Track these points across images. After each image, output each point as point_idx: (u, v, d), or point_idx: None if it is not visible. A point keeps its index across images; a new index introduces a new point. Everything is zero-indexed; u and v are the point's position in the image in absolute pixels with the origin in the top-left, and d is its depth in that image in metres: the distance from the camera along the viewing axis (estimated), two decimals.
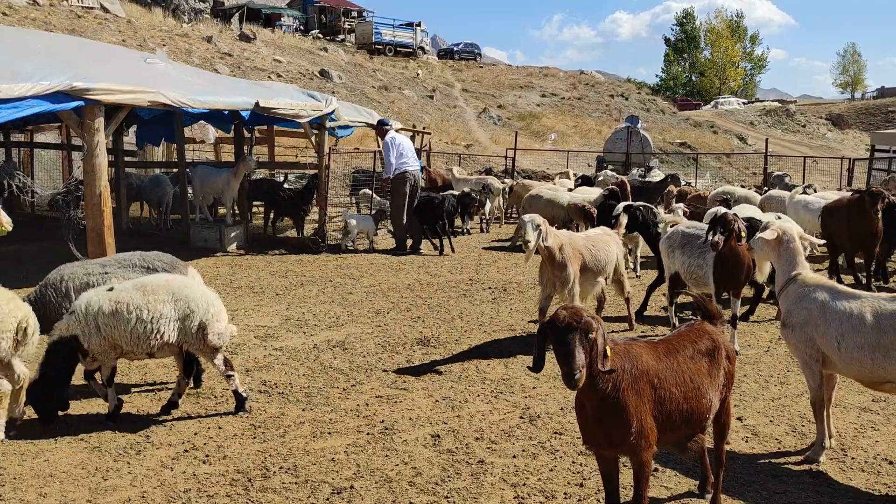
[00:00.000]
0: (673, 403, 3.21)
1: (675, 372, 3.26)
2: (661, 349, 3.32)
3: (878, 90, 68.92)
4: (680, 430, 3.32)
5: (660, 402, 3.17)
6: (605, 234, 7.14)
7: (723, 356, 3.47)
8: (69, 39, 13.37)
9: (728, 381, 3.53)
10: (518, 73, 53.21)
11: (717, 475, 3.72)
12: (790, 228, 4.63)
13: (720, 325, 3.66)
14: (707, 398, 3.36)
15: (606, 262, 6.85)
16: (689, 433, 3.39)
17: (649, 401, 3.12)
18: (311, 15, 50.91)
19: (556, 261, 6.38)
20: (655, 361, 3.23)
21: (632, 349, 3.19)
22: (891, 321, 3.90)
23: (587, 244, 6.75)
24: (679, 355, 3.33)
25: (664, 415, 3.19)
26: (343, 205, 17.38)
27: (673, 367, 3.27)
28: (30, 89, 7.43)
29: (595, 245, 6.80)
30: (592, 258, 6.67)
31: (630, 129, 25.86)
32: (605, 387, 2.99)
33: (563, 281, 6.39)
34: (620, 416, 3.04)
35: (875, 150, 21.82)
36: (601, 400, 3.03)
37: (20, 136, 17.65)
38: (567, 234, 6.89)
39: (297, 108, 11.03)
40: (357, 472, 4.20)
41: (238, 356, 6.39)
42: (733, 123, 50.94)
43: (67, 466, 4.26)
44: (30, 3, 28.64)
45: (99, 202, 8.33)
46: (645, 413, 3.09)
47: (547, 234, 6.27)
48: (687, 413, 3.28)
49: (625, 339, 3.29)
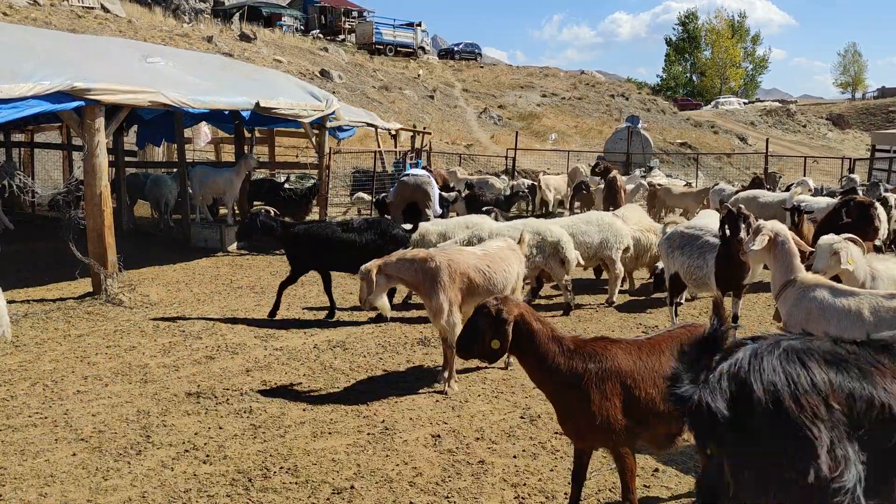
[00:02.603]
0: (649, 403, 3.26)
1: (655, 372, 3.28)
2: (644, 349, 3.36)
3: (878, 90, 68.82)
4: (659, 428, 3.35)
5: (633, 401, 3.24)
6: (507, 249, 6.11)
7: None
8: (69, 37, 13.35)
9: None
10: (518, 73, 53.18)
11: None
12: (783, 229, 4.58)
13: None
14: None
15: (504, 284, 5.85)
16: (670, 432, 3.40)
17: (619, 399, 3.21)
18: (311, 15, 50.86)
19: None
20: (632, 362, 3.28)
21: (606, 350, 3.28)
22: (887, 315, 3.94)
23: (479, 263, 5.79)
24: (664, 355, 3.34)
25: (639, 414, 3.26)
26: (343, 205, 17.40)
27: (653, 368, 3.29)
28: (30, 89, 7.44)
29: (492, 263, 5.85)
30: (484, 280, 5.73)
31: (630, 129, 25.85)
32: (561, 381, 3.24)
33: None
34: (585, 412, 3.20)
35: (875, 150, 21.80)
36: (561, 393, 3.27)
37: (20, 136, 17.65)
38: (455, 248, 6.17)
39: (297, 108, 11.03)
40: (357, 472, 4.20)
41: (238, 356, 6.40)
42: (734, 123, 50.89)
43: (67, 466, 4.26)
44: (30, 3, 28.65)
45: (99, 202, 8.33)
46: (612, 410, 3.19)
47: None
48: (665, 412, 3.29)
49: (604, 339, 3.40)
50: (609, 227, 8.47)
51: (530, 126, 38.97)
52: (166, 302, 8.43)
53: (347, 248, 7.60)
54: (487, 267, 5.72)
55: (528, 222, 8.18)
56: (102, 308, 8.01)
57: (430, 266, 5.49)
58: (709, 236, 6.77)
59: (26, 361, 6.18)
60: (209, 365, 6.15)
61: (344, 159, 19.98)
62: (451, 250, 5.86)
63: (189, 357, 6.37)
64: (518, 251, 6.14)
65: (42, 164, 18.31)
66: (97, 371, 5.96)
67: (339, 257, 7.70)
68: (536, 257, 7.66)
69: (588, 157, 30.05)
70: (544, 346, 3.25)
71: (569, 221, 8.58)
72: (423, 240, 8.15)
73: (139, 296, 8.46)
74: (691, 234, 6.94)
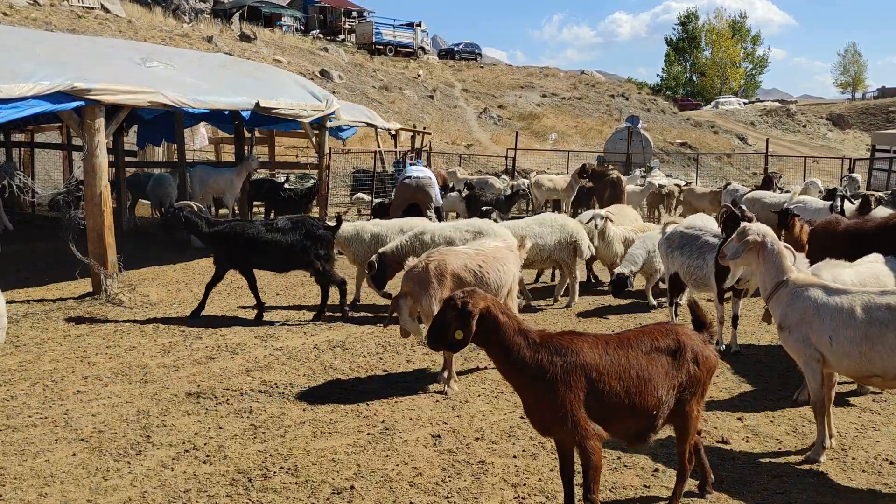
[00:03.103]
0: (613, 397, 3.31)
1: (620, 366, 3.33)
2: (612, 343, 3.40)
3: (878, 90, 68.80)
4: (625, 423, 3.39)
5: (598, 394, 3.29)
6: (504, 248, 6.10)
7: (687, 359, 3.44)
8: (69, 37, 13.36)
9: (693, 386, 3.47)
10: (518, 74, 53.18)
11: (679, 478, 3.68)
12: (769, 230, 4.52)
13: (704, 333, 3.60)
14: (656, 395, 3.37)
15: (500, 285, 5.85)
16: (637, 428, 3.42)
17: (583, 392, 3.26)
18: (311, 15, 50.88)
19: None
20: (598, 356, 3.33)
21: (571, 344, 3.33)
22: (879, 312, 3.94)
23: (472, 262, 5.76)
24: (632, 350, 3.39)
25: (605, 407, 3.31)
26: (343, 205, 17.39)
27: (619, 362, 3.34)
28: (30, 89, 7.44)
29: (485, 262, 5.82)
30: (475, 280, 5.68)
31: (630, 129, 25.88)
32: (526, 374, 3.27)
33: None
34: (548, 404, 3.25)
35: (876, 150, 21.81)
36: (526, 386, 3.31)
37: (20, 136, 17.65)
38: (446, 249, 6.13)
39: (297, 108, 11.02)
40: (357, 472, 4.20)
41: (238, 356, 6.40)
42: (734, 123, 50.89)
43: (67, 466, 4.26)
44: (30, 4, 28.65)
45: (99, 202, 8.33)
46: (576, 403, 3.24)
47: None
48: (630, 407, 3.33)
49: (571, 333, 3.43)
50: (562, 228, 8.21)
51: (530, 126, 38.97)
52: (166, 302, 8.43)
53: (272, 248, 7.52)
54: (479, 267, 5.71)
55: (471, 222, 7.94)
56: (102, 308, 8.01)
57: (416, 271, 5.55)
58: (708, 236, 6.76)
59: (26, 361, 6.18)
60: (209, 365, 6.15)
61: (344, 159, 19.98)
62: (442, 251, 5.85)
63: (189, 357, 6.37)
64: (517, 252, 6.15)
65: (42, 164, 18.32)
66: (97, 371, 5.96)
67: (264, 257, 7.63)
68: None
69: (588, 157, 30.04)
70: (510, 338, 3.29)
71: (521, 224, 8.31)
72: (358, 237, 8.09)
73: (139, 296, 8.47)
74: (691, 235, 6.93)
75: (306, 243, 7.55)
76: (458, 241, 7.30)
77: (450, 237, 7.46)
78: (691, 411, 3.52)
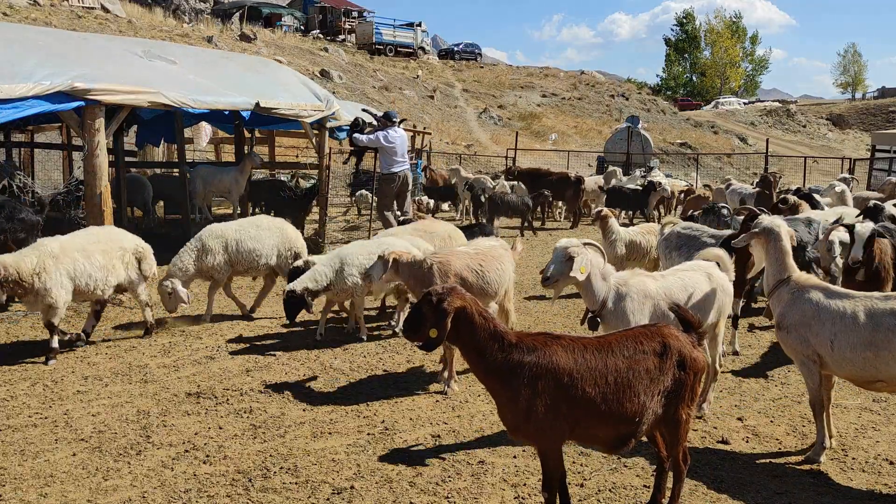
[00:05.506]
0: (587, 402, 3.20)
1: (597, 371, 3.22)
2: (590, 347, 3.29)
3: (878, 90, 68.85)
4: (603, 429, 3.29)
5: (569, 400, 3.20)
6: (500, 248, 6.07)
7: (673, 362, 3.32)
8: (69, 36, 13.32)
9: (679, 390, 3.34)
10: (518, 74, 53.19)
11: (676, 479, 3.56)
12: (781, 224, 4.51)
13: (693, 335, 3.47)
14: (637, 400, 3.25)
15: (498, 284, 5.85)
16: (617, 434, 3.31)
17: (550, 397, 3.18)
18: (311, 15, 50.89)
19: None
20: (572, 360, 3.23)
21: (546, 346, 3.25)
22: (885, 318, 3.92)
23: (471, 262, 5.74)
24: (612, 354, 3.28)
25: (578, 412, 3.22)
26: (343, 205, 17.39)
27: (595, 367, 3.23)
28: (30, 89, 7.44)
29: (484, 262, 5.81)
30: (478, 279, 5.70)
31: (630, 130, 25.86)
32: (497, 377, 3.22)
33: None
34: (514, 405, 3.21)
35: (876, 150, 21.80)
36: (496, 387, 3.26)
37: (20, 136, 17.63)
38: (448, 248, 6.06)
39: (297, 108, 11.01)
40: (357, 472, 4.20)
41: (238, 356, 6.40)
42: (734, 124, 50.92)
43: (67, 466, 4.26)
44: (30, 4, 28.65)
45: (99, 202, 8.33)
46: (541, 407, 3.17)
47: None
48: (606, 413, 3.23)
49: (547, 335, 3.33)
50: (280, 231, 7.68)
51: (530, 126, 38.99)
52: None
53: None
54: (480, 266, 5.72)
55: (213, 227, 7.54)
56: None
57: (422, 270, 5.55)
58: (706, 237, 6.76)
59: (26, 361, 6.18)
60: (209, 365, 6.16)
61: (344, 159, 19.94)
62: (445, 250, 5.84)
63: (189, 357, 6.37)
64: (510, 252, 6.13)
65: (42, 164, 18.30)
66: (97, 371, 5.96)
67: None
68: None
69: (588, 157, 30.10)
70: (484, 340, 3.22)
71: (235, 225, 7.67)
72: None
73: None
74: (689, 235, 6.92)
75: (6, 226, 7.28)
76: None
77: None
78: (679, 416, 3.38)
